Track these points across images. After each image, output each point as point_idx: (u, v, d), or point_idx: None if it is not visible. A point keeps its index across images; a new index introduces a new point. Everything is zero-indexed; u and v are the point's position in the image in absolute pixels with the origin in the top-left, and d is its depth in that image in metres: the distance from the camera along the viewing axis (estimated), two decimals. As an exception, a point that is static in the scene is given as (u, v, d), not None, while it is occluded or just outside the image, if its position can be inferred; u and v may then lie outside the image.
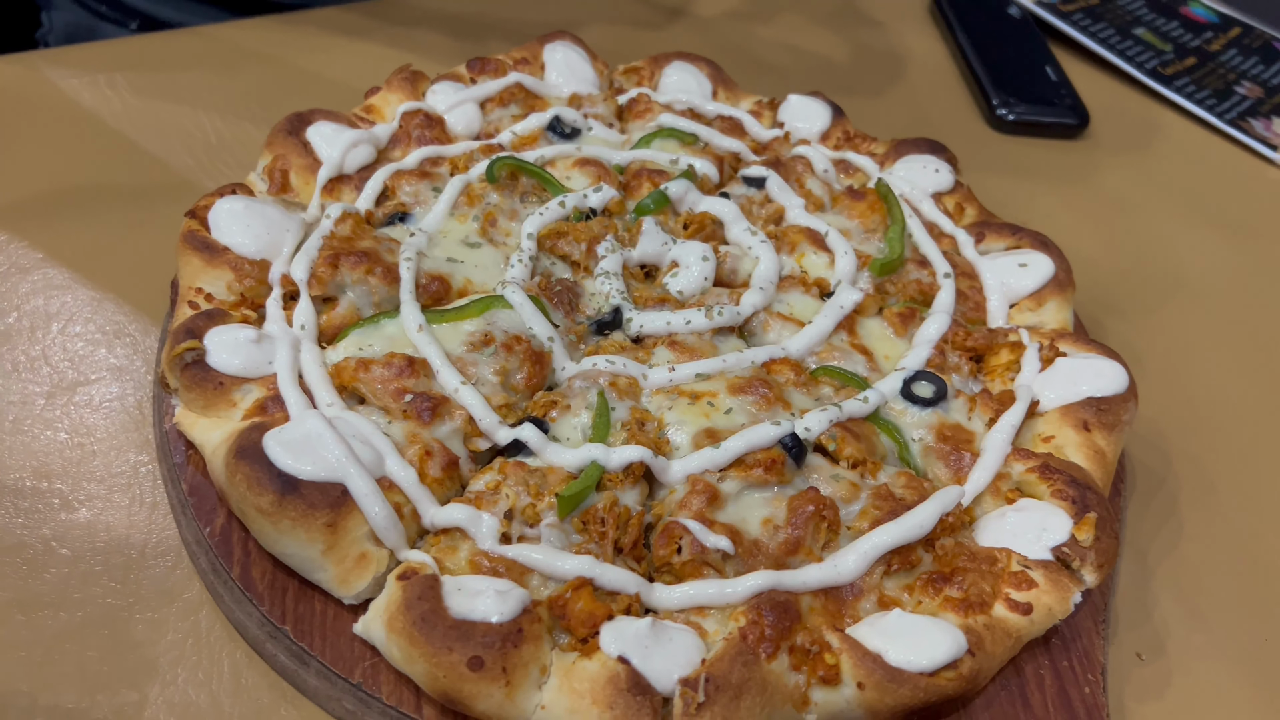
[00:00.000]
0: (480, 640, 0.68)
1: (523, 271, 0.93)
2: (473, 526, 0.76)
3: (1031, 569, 0.79)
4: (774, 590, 0.74)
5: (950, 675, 0.72)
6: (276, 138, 1.01)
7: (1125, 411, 0.90)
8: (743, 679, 0.69)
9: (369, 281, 0.89)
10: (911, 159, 1.12)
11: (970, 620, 0.75)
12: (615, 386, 0.86)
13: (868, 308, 0.96)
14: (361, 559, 0.74)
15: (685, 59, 1.21)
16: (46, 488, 0.84)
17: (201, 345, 0.82)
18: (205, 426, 0.81)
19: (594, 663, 0.70)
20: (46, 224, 1.05)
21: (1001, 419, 0.88)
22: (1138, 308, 1.17)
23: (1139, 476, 1.00)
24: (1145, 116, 1.45)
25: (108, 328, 0.96)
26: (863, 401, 0.87)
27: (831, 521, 0.79)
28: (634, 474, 0.80)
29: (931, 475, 0.86)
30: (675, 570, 0.76)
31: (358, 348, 0.85)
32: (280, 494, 0.73)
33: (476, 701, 0.69)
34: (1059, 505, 0.82)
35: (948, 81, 1.46)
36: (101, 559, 0.81)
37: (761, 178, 1.07)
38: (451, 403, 0.82)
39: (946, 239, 1.06)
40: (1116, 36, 1.54)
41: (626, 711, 0.67)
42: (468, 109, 1.09)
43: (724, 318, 0.92)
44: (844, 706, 0.72)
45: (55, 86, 1.21)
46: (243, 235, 0.90)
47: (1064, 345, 0.95)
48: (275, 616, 0.75)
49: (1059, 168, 1.35)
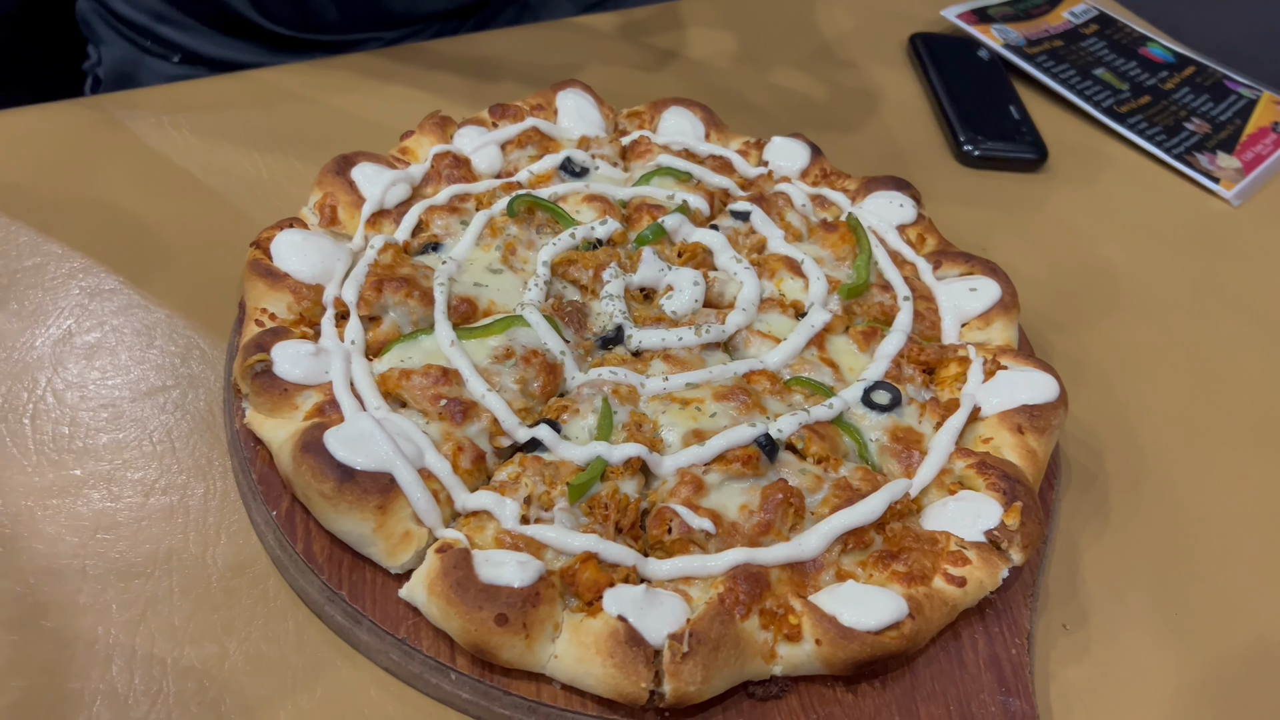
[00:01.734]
0: (505, 601, 0.83)
1: (538, 294, 1.08)
2: (497, 509, 0.91)
3: (967, 549, 0.94)
4: (748, 564, 0.89)
5: (893, 634, 0.87)
6: (326, 177, 1.16)
7: (1055, 417, 1.04)
8: (720, 635, 0.84)
9: (408, 303, 1.04)
10: (879, 194, 1.27)
11: (913, 590, 0.90)
12: (617, 393, 1.01)
13: (836, 327, 1.11)
14: (406, 536, 0.89)
15: (682, 104, 1.36)
16: (137, 478, 0.99)
17: (269, 357, 0.97)
18: (272, 426, 0.96)
19: (598, 621, 0.85)
20: (126, 251, 1.20)
21: (947, 423, 1.02)
22: (1081, 324, 1.31)
23: (1074, 472, 1.14)
24: (1100, 151, 1.60)
25: (181, 342, 1.11)
26: (828, 408, 1.02)
27: (798, 508, 0.94)
28: (633, 467, 0.95)
29: (886, 470, 1.01)
30: (666, 547, 0.91)
31: (399, 360, 1.00)
32: (340, 481, 0.88)
33: (502, 651, 0.84)
34: (992, 496, 0.97)
35: (920, 119, 1.61)
36: (181, 537, 0.96)
37: (746, 211, 1.22)
38: (479, 406, 0.97)
39: (908, 266, 1.20)
40: (1077, 77, 1.68)
41: (624, 659, 0.82)
42: (490, 150, 1.24)
43: (711, 335, 1.07)
44: (804, 659, 0.87)
45: (125, 128, 1.37)
46: (301, 263, 1.05)
47: (1005, 360, 1.09)
48: (333, 584, 0.90)
49: (1019, 198, 1.49)
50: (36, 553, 0.93)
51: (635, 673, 0.82)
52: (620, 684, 0.82)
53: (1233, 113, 1.68)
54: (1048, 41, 1.75)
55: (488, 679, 0.85)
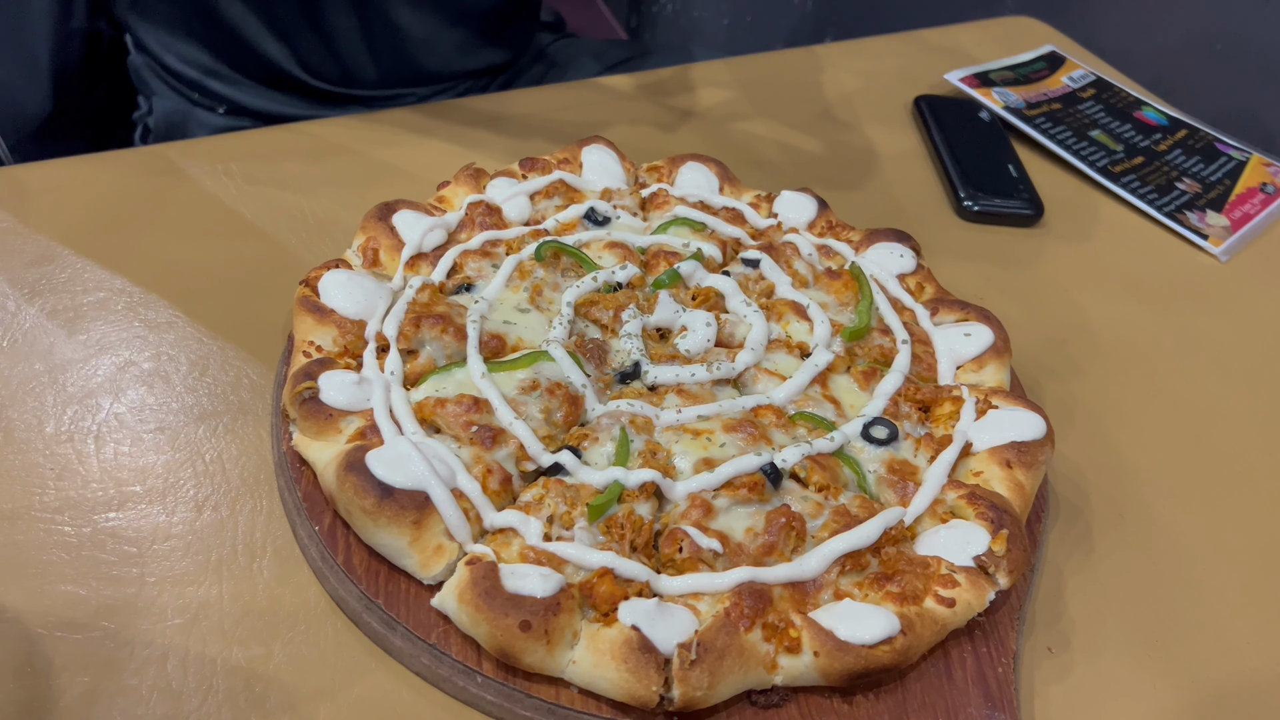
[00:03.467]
0: (529, 609, 0.91)
1: (562, 332, 1.17)
2: (522, 527, 0.99)
3: (956, 573, 1.01)
4: (752, 582, 0.96)
5: (886, 649, 0.94)
6: (369, 222, 1.26)
7: (1042, 453, 1.12)
8: (725, 645, 0.91)
9: (443, 339, 1.13)
10: (881, 245, 1.36)
11: (905, 609, 0.97)
12: (634, 424, 1.09)
13: (838, 366, 1.19)
14: (438, 549, 0.98)
15: (697, 159, 1.46)
16: (191, 495, 1.08)
17: (316, 385, 1.06)
18: (317, 448, 1.04)
19: (613, 630, 0.92)
20: (181, 287, 1.30)
21: (940, 456, 1.10)
22: (1072, 370, 1.39)
23: (1062, 508, 1.21)
24: (1094, 208, 1.68)
25: (232, 372, 1.20)
26: (830, 440, 1.10)
27: (799, 531, 1.01)
28: (647, 491, 1.03)
29: (882, 499, 1.09)
30: (677, 565, 0.99)
31: (434, 390, 1.08)
32: (380, 498, 0.97)
33: (525, 656, 0.91)
34: (981, 524, 1.04)
35: (922, 176, 1.70)
36: (230, 549, 1.04)
37: (756, 259, 1.31)
38: (507, 433, 1.05)
39: (907, 312, 1.29)
40: (1074, 138, 1.78)
41: (637, 665, 0.90)
42: (520, 200, 1.34)
43: (722, 372, 1.15)
44: (803, 670, 0.94)
45: (180, 174, 1.47)
46: (345, 300, 1.15)
47: (996, 400, 1.17)
48: (371, 593, 0.98)
49: (1015, 252, 1.58)
50: (99, 560, 1.01)
51: (647, 677, 0.89)
52: (633, 687, 0.90)
53: (1223, 173, 1.76)
54: (1046, 104, 1.85)
55: (511, 682, 0.93)
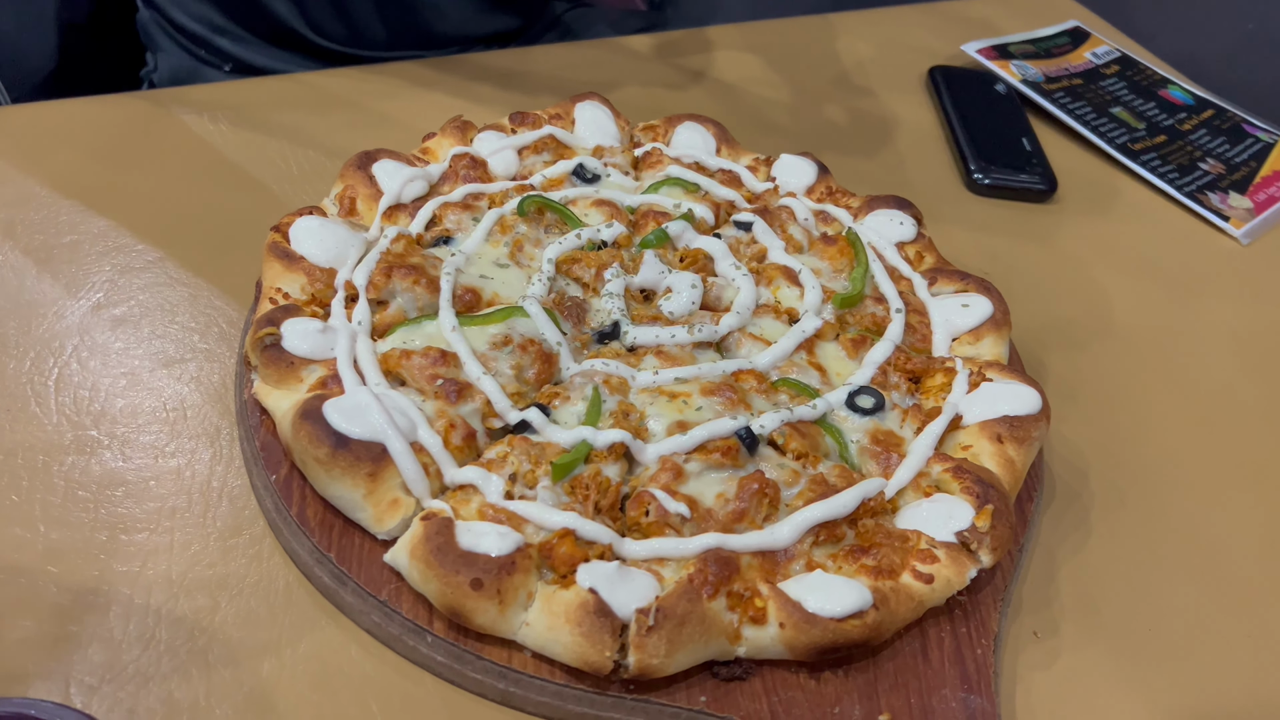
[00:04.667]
0: (481, 567, 0.87)
1: (541, 289, 1.12)
2: (483, 484, 0.95)
3: (936, 548, 0.96)
4: (720, 548, 0.92)
5: (856, 623, 0.89)
6: (348, 170, 1.22)
7: (1035, 429, 1.07)
8: (686, 612, 0.87)
9: (415, 290, 1.09)
10: (881, 212, 1.31)
11: (879, 583, 0.92)
12: (608, 384, 1.05)
13: (826, 334, 1.14)
14: (394, 503, 0.94)
15: (695, 119, 1.41)
16: (148, 441, 1.05)
17: (279, 332, 1.02)
18: (277, 397, 1.01)
19: (570, 593, 0.88)
20: (160, 233, 1.27)
21: (927, 428, 1.05)
22: (1078, 349, 1.33)
23: (1058, 489, 1.16)
24: (1111, 186, 1.62)
25: (203, 319, 1.17)
26: (812, 408, 1.05)
27: (772, 499, 0.97)
28: (616, 452, 0.98)
29: (865, 470, 1.04)
30: (643, 529, 0.94)
31: (402, 341, 1.05)
32: (334, 448, 0.93)
33: (475, 615, 0.87)
34: (965, 499, 0.99)
35: (933, 148, 1.64)
36: (186, 497, 1.01)
37: (749, 222, 1.26)
38: (474, 388, 1.01)
39: (904, 281, 1.24)
40: (1093, 114, 1.71)
41: (591, 629, 0.86)
42: (507, 155, 1.30)
43: (703, 334, 1.11)
44: (768, 642, 0.90)
45: (176, 119, 1.45)
46: (316, 248, 1.11)
47: (991, 373, 1.12)
48: (323, 546, 0.94)
49: (1026, 227, 1.52)
50: (50, 504, 0.98)
51: (601, 642, 0.85)
52: (586, 652, 0.85)
53: (1249, 155, 1.69)
54: (1066, 79, 1.78)
55: (462, 643, 0.89)
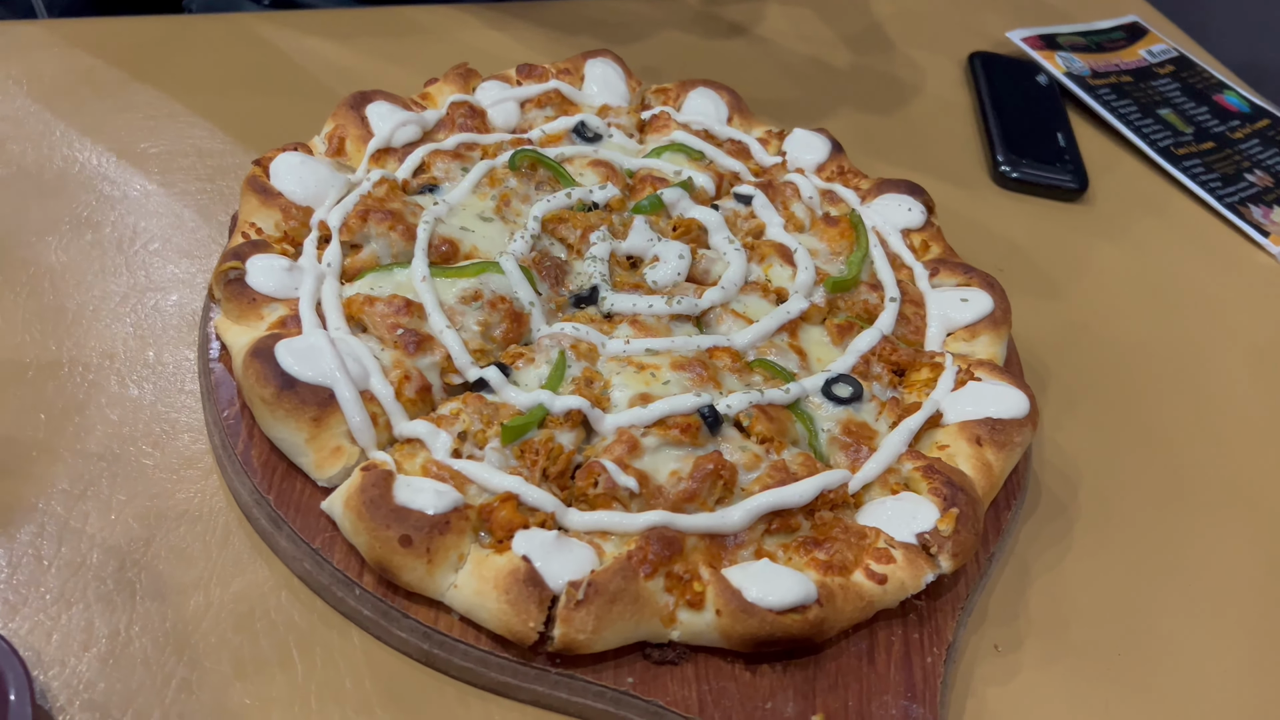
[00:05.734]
0: (412, 524, 0.85)
1: (523, 246, 1.09)
2: (430, 440, 0.92)
3: (894, 548, 0.92)
4: (665, 527, 0.88)
5: (796, 618, 0.85)
6: (340, 110, 1.19)
7: (1018, 434, 1.01)
8: (619, 589, 0.84)
9: (390, 236, 1.06)
10: (889, 196, 1.25)
11: (827, 578, 0.88)
12: (576, 349, 1.01)
13: (813, 317, 1.10)
14: (336, 451, 0.91)
15: (709, 85, 1.36)
16: (109, 365, 1.03)
17: (243, 266, 1.00)
18: (236, 332, 0.99)
19: (503, 558, 0.85)
20: (160, 159, 1.26)
21: (903, 423, 1.00)
22: (1086, 357, 1.27)
23: (1044, 500, 1.11)
24: (1146, 190, 1.54)
25: (182, 248, 1.15)
26: (784, 392, 1.01)
27: (728, 481, 0.93)
28: (573, 420, 0.95)
29: (833, 461, 0.99)
30: (590, 500, 0.91)
31: (369, 287, 1.02)
32: (280, 388, 0.91)
33: (402, 572, 0.85)
34: (932, 499, 0.94)
35: (963, 136, 1.58)
36: (143, 427, 0.99)
37: (749, 195, 1.21)
38: (435, 341, 0.98)
39: (905, 269, 1.18)
40: (1138, 114, 1.63)
41: (518, 597, 0.83)
42: (508, 106, 1.26)
43: (682, 306, 1.07)
44: (703, 629, 0.86)
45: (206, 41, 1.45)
46: (295, 185, 1.09)
47: (981, 372, 1.07)
48: (263, 488, 0.92)
49: (1049, 225, 1.45)
50: (4, 421, 0.97)
51: (526, 611, 0.82)
52: (510, 620, 0.83)
53: (1302, 170, 1.61)
54: (1115, 76, 1.70)
55: (390, 599, 0.87)
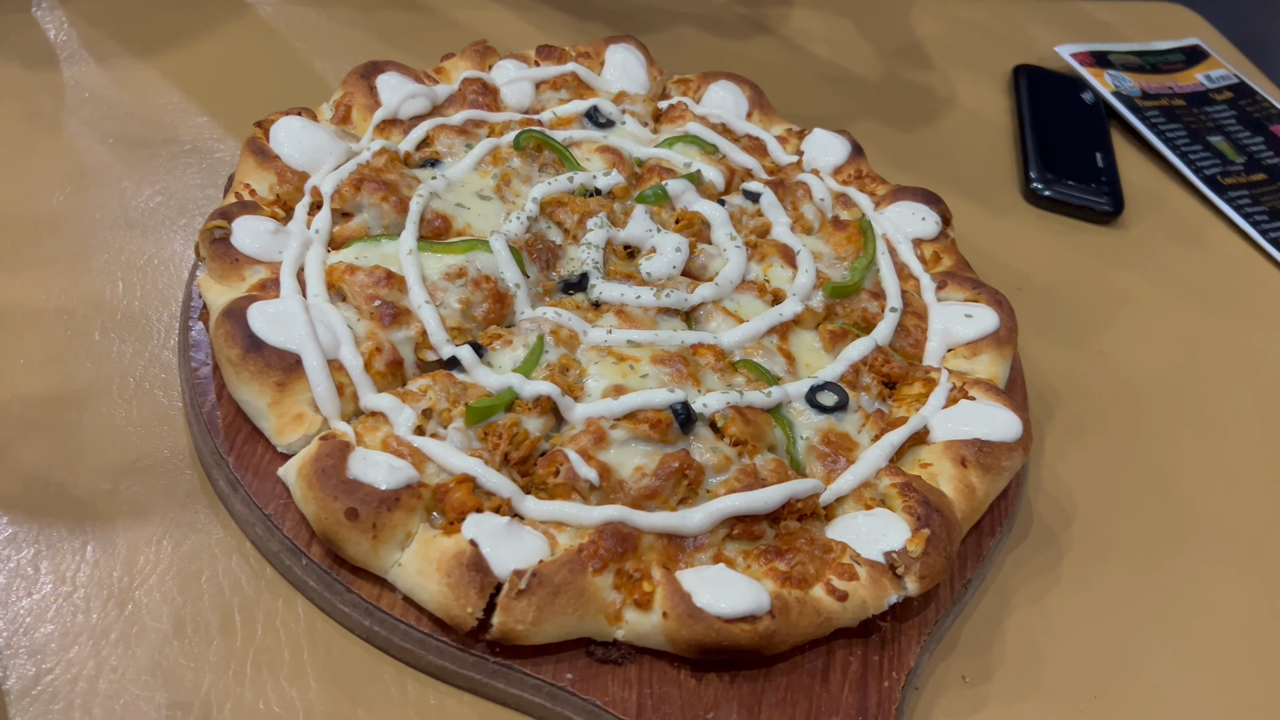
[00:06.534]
0: (361, 497, 0.83)
1: (518, 227, 1.07)
2: (394, 414, 0.91)
3: (859, 564, 0.88)
4: (622, 522, 0.86)
5: (745, 628, 0.82)
6: (351, 78, 1.19)
7: (1007, 459, 0.97)
8: (564, 581, 0.82)
9: (382, 207, 1.05)
10: (904, 204, 1.21)
11: (784, 590, 0.85)
12: (556, 335, 0.99)
13: (806, 321, 1.06)
14: (299, 418, 0.90)
15: (732, 79, 1.33)
16: (94, 315, 1.03)
17: (228, 226, 1.00)
18: (217, 291, 0.98)
19: (450, 540, 0.84)
20: (175, 116, 1.27)
21: (885, 437, 0.97)
22: (1100, 384, 1.22)
23: (1034, 529, 1.06)
24: (1185, 219, 1.48)
25: (182, 205, 1.16)
26: (765, 395, 0.97)
27: (693, 481, 0.90)
28: (543, 406, 0.93)
29: (808, 470, 0.96)
30: (549, 489, 0.89)
31: (354, 256, 1.01)
32: (246, 350, 0.90)
33: (347, 546, 0.84)
34: (905, 518, 0.91)
35: (998, 148, 1.52)
36: (119, 380, 0.99)
37: (758, 193, 1.18)
38: (413, 315, 0.97)
39: (911, 280, 1.14)
40: (1187, 139, 1.57)
41: (460, 581, 0.81)
42: (523, 86, 1.24)
43: (671, 300, 1.04)
44: (649, 630, 0.83)
45: (227, 7, 1.45)
46: (293, 149, 1.08)
47: (976, 391, 1.03)
48: (224, 449, 0.91)
49: (1077, 248, 1.40)
50: (-20, 360, 0.98)
51: (465, 596, 0.81)
52: (449, 604, 0.81)
53: (1356, 210, 1.53)
54: (1167, 99, 1.64)
55: (335, 571, 0.86)
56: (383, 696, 0.84)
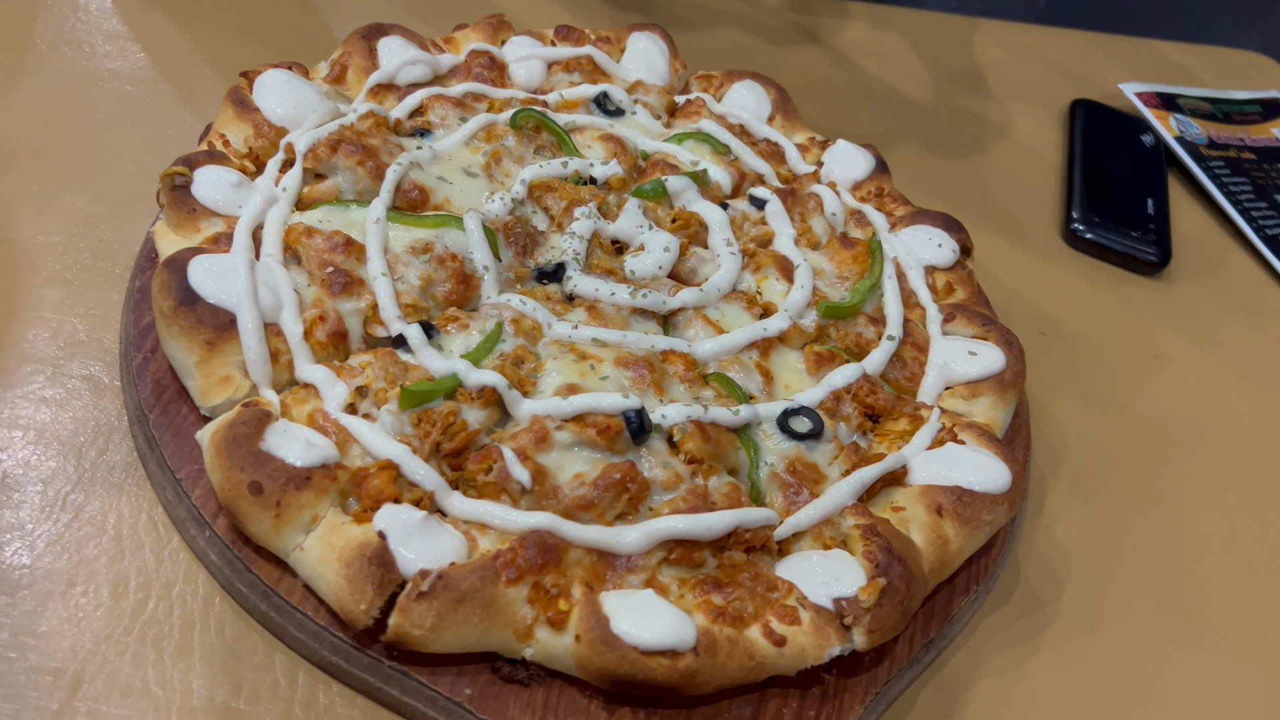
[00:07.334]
0: (268, 472, 0.77)
1: (500, 208, 1.01)
2: (325, 388, 0.85)
3: (805, 608, 0.80)
4: (549, 532, 0.79)
5: (663, 662, 0.74)
6: (352, 38, 1.13)
7: (989, 512, 0.88)
8: (471, 589, 0.75)
9: (357, 171, 0.99)
10: (921, 228, 1.12)
11: (715, 627, 0.77)
12: (518, 324, 0.92)
13: (792, 339, 0.99)
14: (225, 380, 0.85)
15: (757, 79, 1.26)
16: (46, 256, 1.00)
17: (190, 174, 0.95)
18: (170, 241, 0.94)
19: (359, 530, 0.77)
20: (183, 69, 1.24)
21: (856, 472, 0.89)
22: (1115, 447, 1.12)
23: (1020, 593, 0.97)
24: (1235, 277, 1.37)
25: (168, 153, 1.11)
26: (733, 413, 0.90)
27: (634, 497, 0.83)
28: (487, 397, 0.86)
29: (768, 499, 0.88)
30: (479, 487, 0.82)
31: (317, 219, 0.95)
32: (178, 303, 0.85)
33: (248, 522, 0.78)
34: (863, 564, 0.82)
35: (1043, 183, 1.43)
36: (62, 324, 0.95)
37: (764, 200, 1.10)
38: (365, 286, 0.91)
39: (918, 309, 1.06)
40: (1252, 195, 1.46)
41: (358, 573, 0.74)
42: (534, 65, 1.18)
43: (647, 301, 0.97)
44: (560, 652, 0.76)
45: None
46: (275, 103, 1.03)
47: (966, 435, 0.94)
48: (147, 405, 0.86)
49: (1115, 297, 1.29)
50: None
51: (361, 591, 0.74)
52: (343, 597, 0.75)
53: None
54: (1235, 150, 1.53)
55: (237, 547, 0.80)
56: (270, 688, 0.78)
